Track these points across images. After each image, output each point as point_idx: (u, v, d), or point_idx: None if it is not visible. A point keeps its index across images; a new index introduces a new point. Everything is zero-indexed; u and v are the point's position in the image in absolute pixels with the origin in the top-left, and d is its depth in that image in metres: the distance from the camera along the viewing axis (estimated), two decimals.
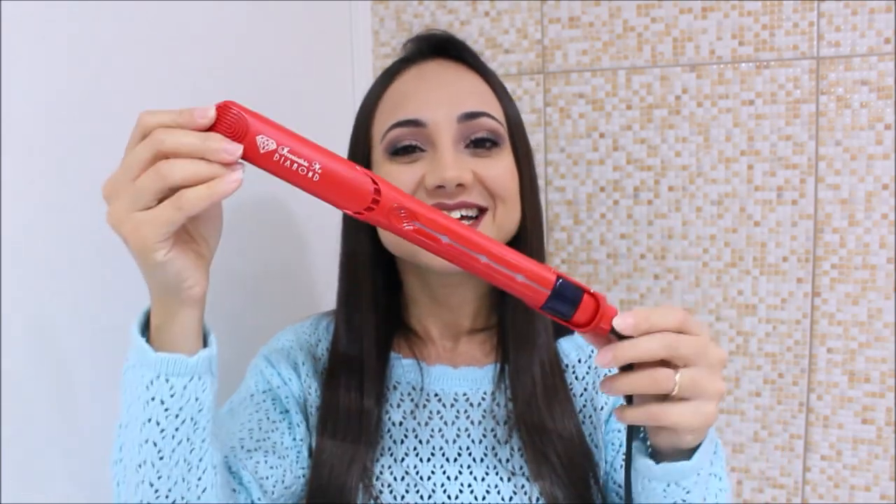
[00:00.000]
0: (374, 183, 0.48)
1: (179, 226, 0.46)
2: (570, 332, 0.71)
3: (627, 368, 0.52)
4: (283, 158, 0.46)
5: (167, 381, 0.50)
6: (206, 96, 0.77)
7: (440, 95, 0.68)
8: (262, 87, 0.88)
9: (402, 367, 0.73)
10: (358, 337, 0.71)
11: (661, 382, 0.50)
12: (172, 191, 0.45)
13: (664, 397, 0.51)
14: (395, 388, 0.72)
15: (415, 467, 0.69)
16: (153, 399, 0.50)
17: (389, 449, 0.69)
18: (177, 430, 0.52)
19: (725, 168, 1.00)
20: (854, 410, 0.98)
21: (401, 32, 1.12)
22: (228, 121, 0.45)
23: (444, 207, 0.64)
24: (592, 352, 0.72)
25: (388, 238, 0.68)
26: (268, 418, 0.69)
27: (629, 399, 0.55)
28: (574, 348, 0.74)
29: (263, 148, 0.45)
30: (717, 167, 1.00)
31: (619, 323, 0.50)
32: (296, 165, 0.46)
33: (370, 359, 0.70)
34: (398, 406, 0.71)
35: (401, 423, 0.70)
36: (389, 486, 0.67)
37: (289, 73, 0.94)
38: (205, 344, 0.53)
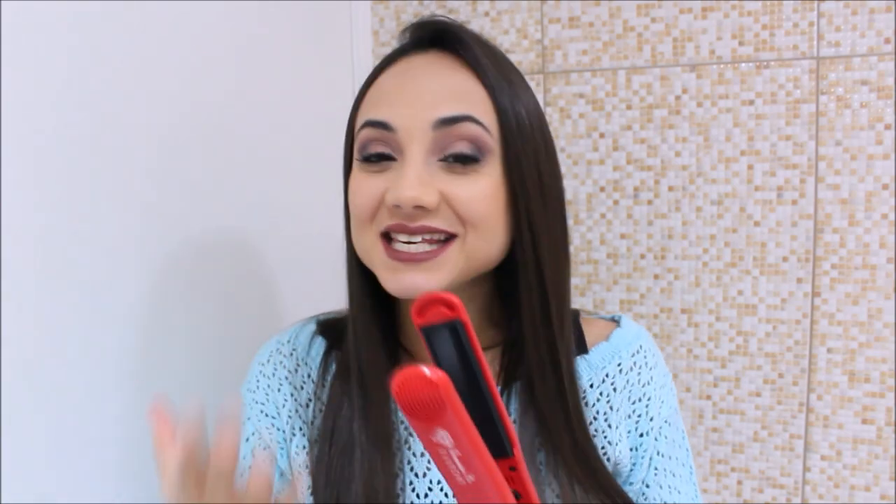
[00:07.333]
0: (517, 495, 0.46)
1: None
2: (582, 353, 0.65)
3: None
4: (446, 455, 0.43)
5: None
6: (205, 96, 0.78)
7: (416, 96, 0.57)
8: (262, 87, 0.88)
9: None
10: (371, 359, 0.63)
11: None
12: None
13: None
14: None
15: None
16: None
17: None
18: None
19: (725, 168, 1.00)
20: (854, 410, 0.98)
21: None
22: (426, 397, 0.40)
23: (405, 230, 0.56)
24: (606, 376, 0.64)
25: None
26: None
27: None
28: (585, 369, 0.64)
29: (436, 438, 0.42)
30: (717, 167, 1.00)
31: None
32: (453, 467, 0.44)
33: (377, 386, 0.62)
34: None
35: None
36: None
37: (288, 73, 0.94)
38: None
